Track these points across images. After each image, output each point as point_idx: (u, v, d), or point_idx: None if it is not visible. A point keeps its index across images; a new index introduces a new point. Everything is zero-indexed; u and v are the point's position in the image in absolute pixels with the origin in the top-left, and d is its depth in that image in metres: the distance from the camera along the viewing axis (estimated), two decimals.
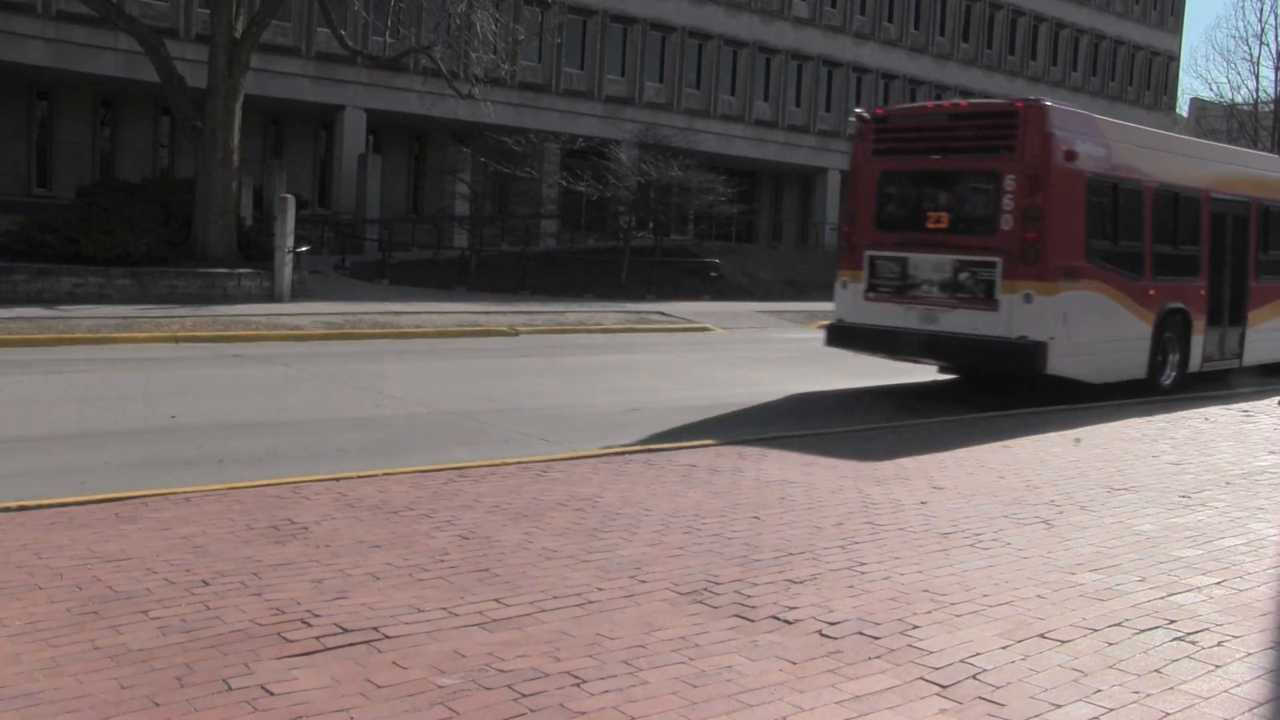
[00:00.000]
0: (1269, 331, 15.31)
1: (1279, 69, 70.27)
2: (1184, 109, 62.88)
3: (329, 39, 27.26)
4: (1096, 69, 53.09)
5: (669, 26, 37.86)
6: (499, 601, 4.64)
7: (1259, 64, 70.79)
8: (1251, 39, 65.87)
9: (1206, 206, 13.97)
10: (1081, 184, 11.92)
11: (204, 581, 4.76)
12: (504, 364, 14.76)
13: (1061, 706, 3.77)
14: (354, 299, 21.55)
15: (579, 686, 3.78)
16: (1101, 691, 3.92)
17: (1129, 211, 12.78)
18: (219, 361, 13.70)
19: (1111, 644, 4.41)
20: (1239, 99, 52.64)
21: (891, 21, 44.70)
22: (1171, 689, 3.97)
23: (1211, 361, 14.26)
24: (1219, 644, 4.46)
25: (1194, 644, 4.45)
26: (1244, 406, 12.43)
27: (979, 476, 7.80)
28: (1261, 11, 79.21)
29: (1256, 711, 3.81)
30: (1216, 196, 14.16)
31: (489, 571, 5.07)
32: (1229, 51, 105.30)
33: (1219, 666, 4.22)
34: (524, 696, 3.67)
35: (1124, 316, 12.55)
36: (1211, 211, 14.04)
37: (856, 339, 12.96)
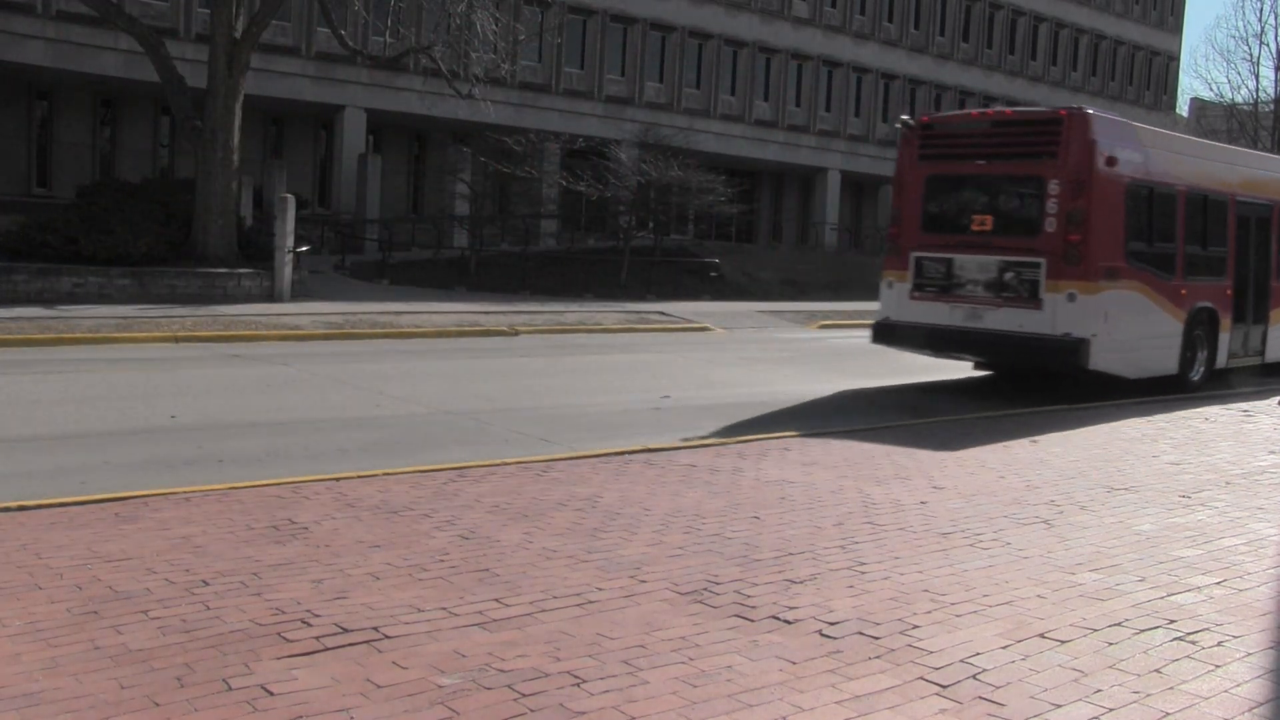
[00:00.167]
0: None
1: (1279, 69, 70.24)
2: (1184, 109, 62.88)
3: (329, 39, 27.26)
4: (1096, 69, 53.09)
5: (669, 26, 37.86)
6: (499, 601, 4.65)
7: (1259, 64, 70.79)
8: (1251, 39, 65.92)
9: (1233, 209, 14.48)
10: (1121, 188, 12.41)
11: (204, 581, 4.77)
12: (504, 364, 14.76)
13: (1061, 706, 3.77)
14: (354, 299, 21.55)
15: (579, 686, 3.78)
16: (1101, 691, 3.92)
17: (1163, 214, 13.29)
18: (219, 361, 13.69)
19: (1111, 644, 4.41)
20: (1239, 99, 52.66)
21: (891, 21, 44.71)
22: (1171, 689, 3.97)
23: (1236, 358, 14.78)
24: (1219, 644, 4.46)
25: (1194, 644, 4.45)
26: (1244, 406, 12.44)
27: (979, 476, 7.81)
28: (1261, 11, 79.29)
29: (1256, 711, 3.81)
30: (1242, 200, 14.68)
31: (489, 571, 5.07)
32: (1229, 51, 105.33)
33: (1219, 666, 4.22)
34: (524, 696, 3.67)
35: (1158, 315, 13.04)
36: (1237, 214, 14.56)
37: (902, 336, 13.37)
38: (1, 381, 11.21)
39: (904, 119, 13.63)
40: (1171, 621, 4.72)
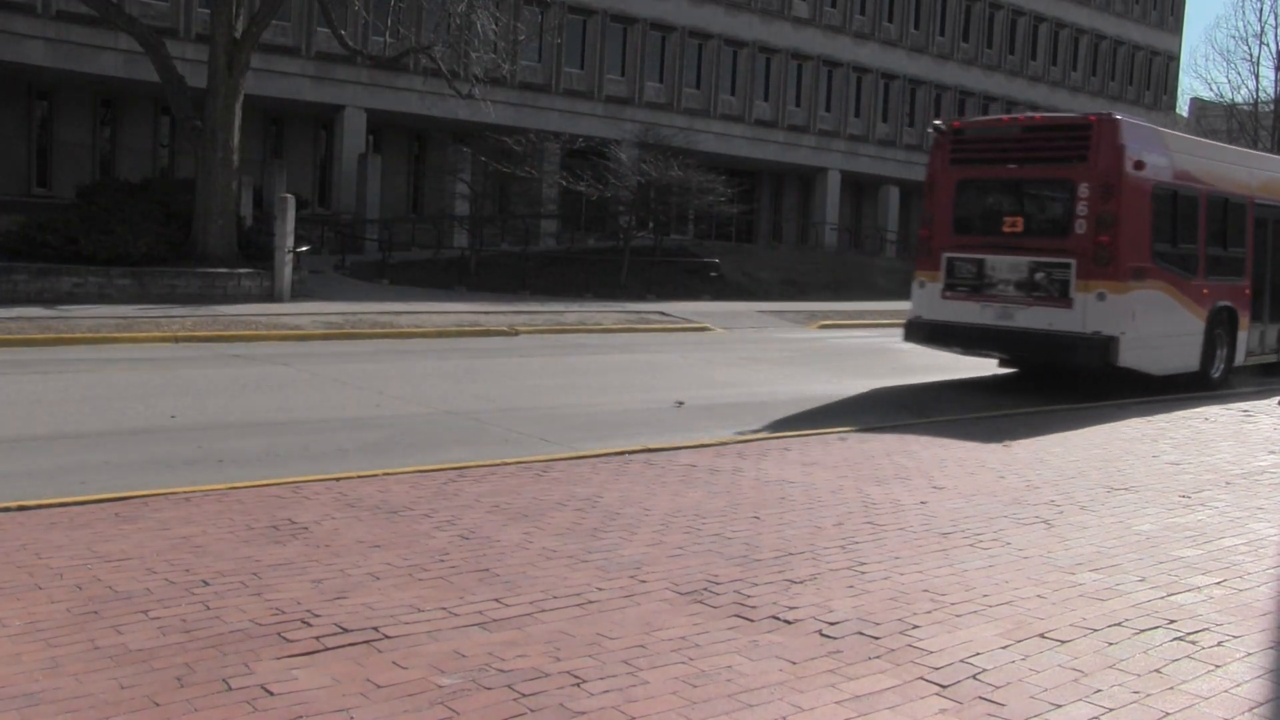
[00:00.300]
0: None
1: (1279, 69, 70.26)
2: (1184, 109, 62.89)
3: (329, 39, 27.27)
4: (1096, 69, 53.10)
5: (669, 26, 37.86)
6: (499, 601, 4.65)
7: (1259, 64, 70.79)
8: (1251, 39, 65.90)
9: (1251, 211, 14.93)
10: (1147, 191, 12.78)
11: (204, 581, 4.76)
12: (504, 364, 14.76)
13: (1061, 706, 3.77)
14: (354, 299, 21.55)
15: (579, 686, 3.78)
16: (1101, 691, 3.92)
17: (1186, 216, 13.68)
18: (219, 361, 13.69)
19: (1111, 644, 4.41)
20: (1239, 99, 52.66)
21: (891, 21, 44.71)
22: (1171, 689, 3.97)
23: (1254, 355, 15.28)
24: (1219, 644, 4.46)
25: (1194, 644, 4.45)
26: (1244, 406, 12.45)
27: (979, 476, 7.81)
28: (1261, 11, 79.28)
29: (1256, 711, 3.81)
30: (1260, 202, 15.16)
31: (489, 571, 5.07)
32: (1229, 51, 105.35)
33: (1219, 666, 4.22)
34: (524, 696, 3.67)
35: (1182, 313, 13.47)
36: (1255, 216, 15.02)
37: (934, 334, 13.74)
38: (1, 381, 11.21)
39: (936, 124, 14.04)
40: (1171, 621, 4.72)
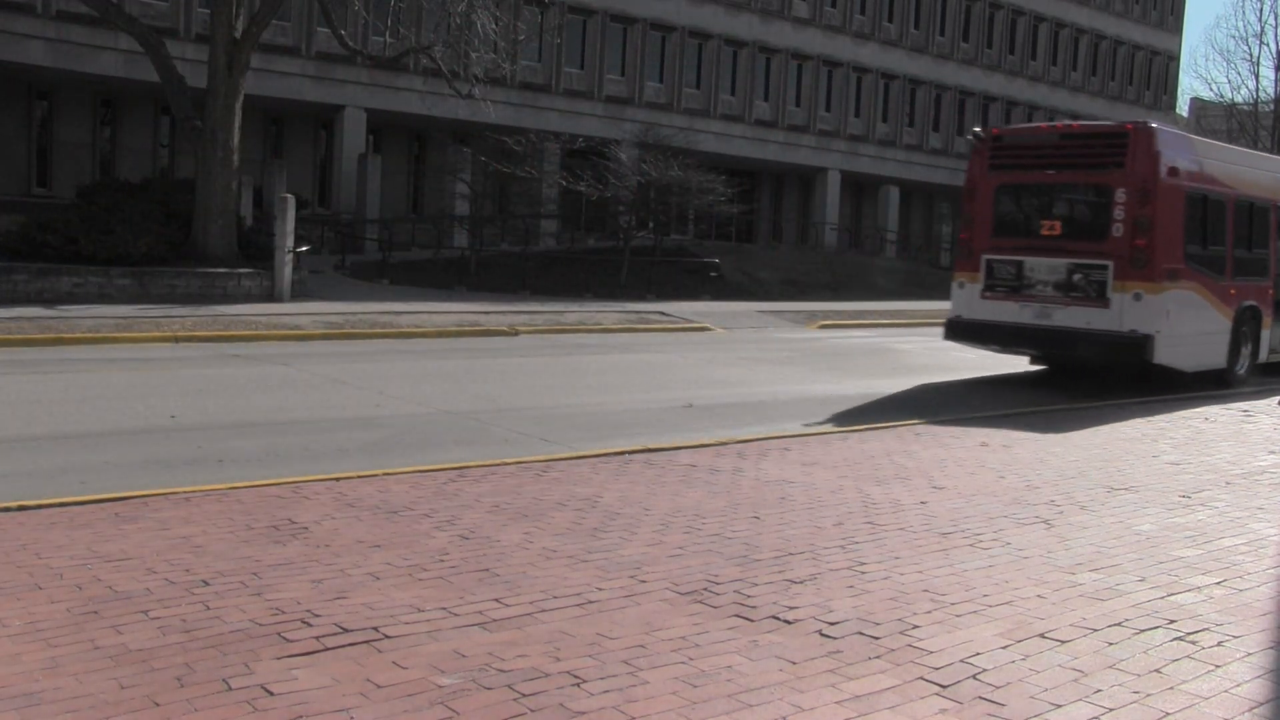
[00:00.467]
0: None
1: (1279, 69, 70.28)
2: (1184, 109, 62.91)
3: (329, 39, 27.26)
4: (1096, 69, 53.09)
5: (669, 26, 37.86)
6: (499, 601, 4.65)
7: (1259, 64, 70.90)
8: (1251, 39, 66.05)
9: (1275, 214, 15.45)
10: (1181, 196, 13.33)
11: (204, 581, 4.77)
12: (504, 364, 14.76)
13: (1061, 706, 3.77)
14: (354, 299, 21.55)
15: (579, 686, 3.78)
16: (1101, 691, 3.92)
17: (1215, 220, 14.25)
18: (219, 361, 13.69)
19: (1111, 644, 4.41)
20: (1239, 99, 52.76)
21: (891, 21, 44.71)
22: (1171, 689, 3.97)
23: (1276, 353, 15.78)
24: (1219, 644, 4.47)
25: (1194, 644, 4.45)
26: (1244, 406, 12.45)
27: (979, 476, 7.81)
28: (1261, 11, 79.39)
29: (1256, 711, 3.81)
30: None
31: (489, 571, 5.07)
32: (1229, 51, 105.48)
33: (1219, 666, 4.22)
34: (524, 696, 3.67)
35: (1211, 313, 14.03)
36: (1278, 220, 15.52)
37: (973, 333, 14.29)
38: (1, 381, 11.21)
39: (976, 131, 14.55)
40: (1171, 621, 4.72)
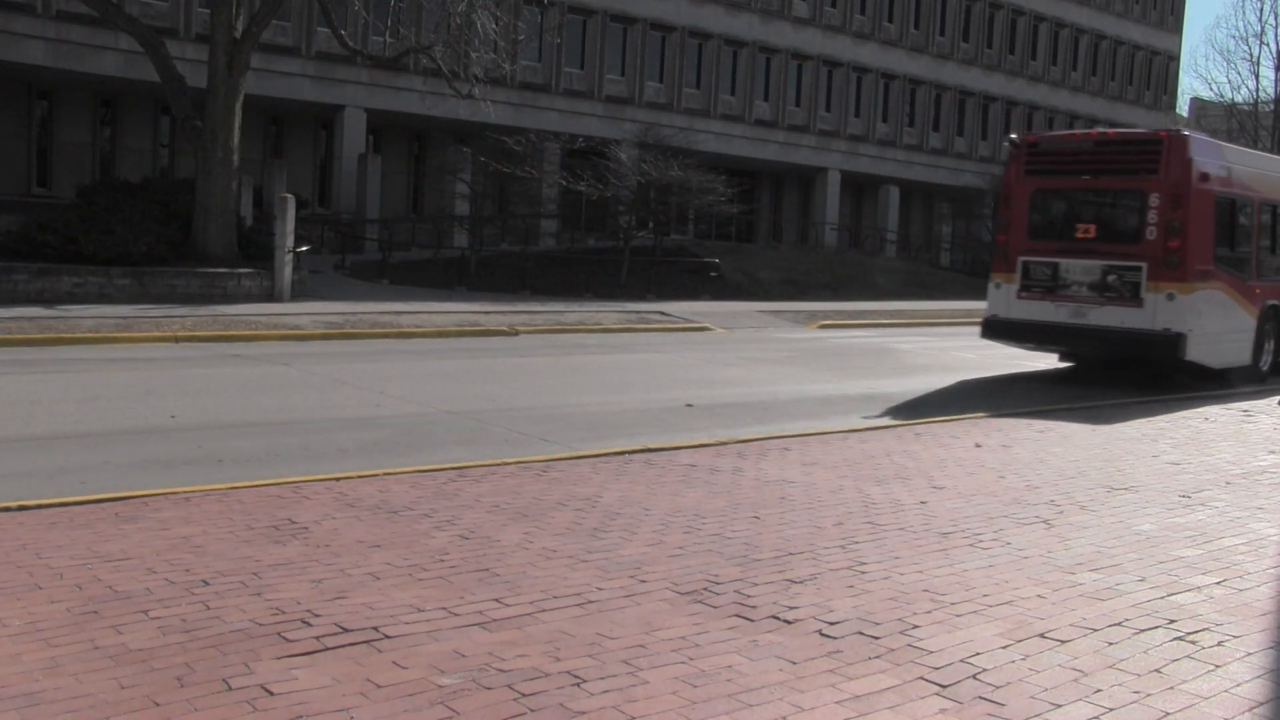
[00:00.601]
0: None
1: (1279, 69, 70.31)
2: (1184, 109, 62.92)
3: (329, 39, 27.27)
4: (1096, 69, 53.09)
5: (669, 26, 37.86)
6: (499, 601, 4.65)
7: (1259, 64, 70.93)
8: (1251, 39, 66.12)
9: None
10: (1211, 200, 13.90)
11: (204, 581, 4.77)
12: (504, 364, 14.76)
13: (1061, 706, 3.77)
14: (354, 299, 21.55)
15: (579, 686, 3.78)
16: (1101, 691, 3.92)
17: (1241, 222, 14.91)
18: (219, 361, 13.69)
19: (1111, 644, 4.41)
20: (1239, 99, 52.80)
21: (891, 21, 44.71)
22: (1171, 689, 3.97)
23: None
24: (1219, 644, 4.47)
25: (1194, 644, 4.45)
26: (1244, 406, 12.45)
27: (979, 476, 7.81)
28: (1261, 11, 79.44)
29: (1256, 711, 3.82)
30: None
31: (489, 571, 5.07)
32: (1229, 51, 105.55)
33: (1219, 666, 4.22)
34: (524, 696, 3.67)
35: (1238, 312, 14.59)
36: None
37: (1010, 332, 14.82)
38: (1, 381, 11.21)
39: (1012, 138, 15.15)
40: (1171, 621, 4.72)
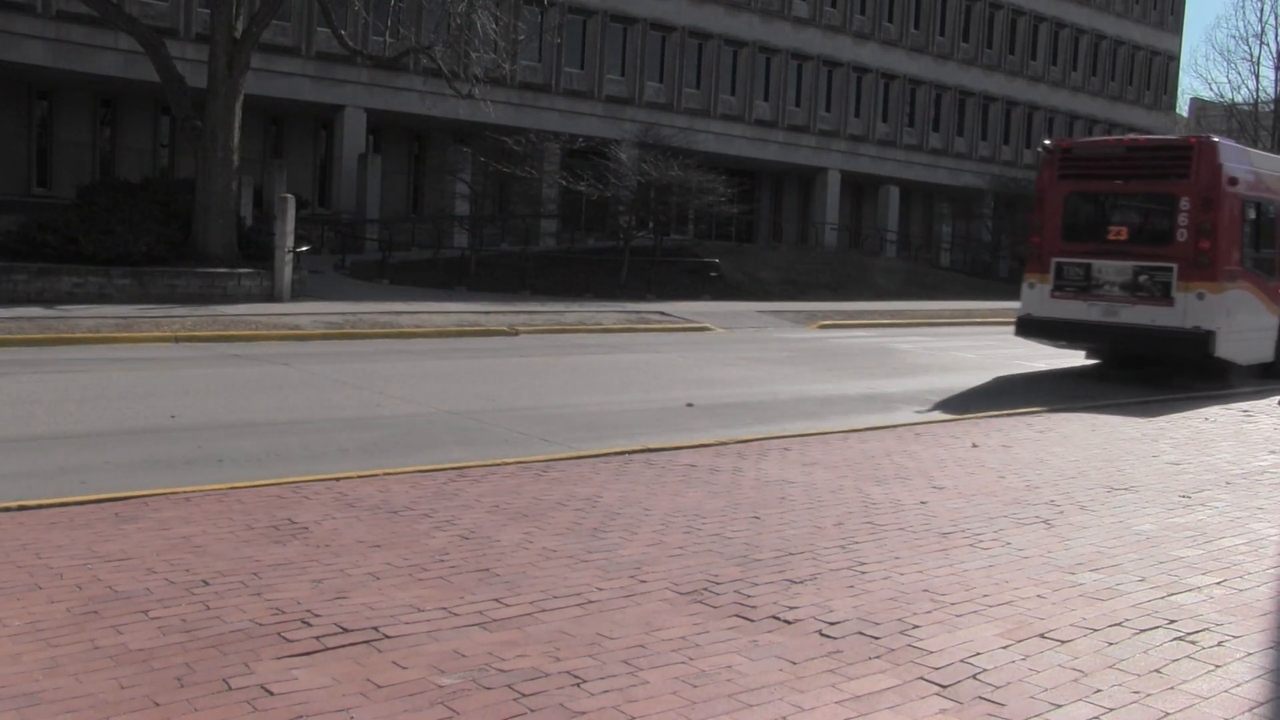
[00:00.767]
0: None
1: (1279, 69, 70.34)
2: (1184, 109, 62.94)
3: (329, 39, 27.27)
4: (1096, 69, 53.09)
5: (669, 26, 37.85)
6: (499, 601, 4.65)
7: (1259, 64, 70.98)
8: (1251, 39, 66.16)
9: None
10: (1238, 203, 14.38)
11: (204, 581, 4.77)
12: (504, 364, 14.76)
13: (1061, 706, 3.77)
14: (354, 299, 21.55)
15: (579, 686, 3.78)
16: (1101, 691, 3.92)
17: (1266, 225, 15.40)
18: (219, 361, 13.69)
19: (1111, 644, 4.41)
20: (1239, 99, 52.83)
21: (891, 21, 44.70)
22: (1171, 689, 3.97)
23: None
24: (1219, 644, 4.47)
25: (1194, 644, 4.45)
26: (1244, 406, 12.45)
27: (979, 476, 7.81)
28: (1261, 11, 79.49)
29: (1256, 711, 3.82)
30: None
31: (489, 571, 5.07)
32: (1229, 51, 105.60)
33: (1219, 666, 4.22)
34: (524, 696, 3.67)
35: (1262, 311, 15.12)
36: None
37: (1043, 329, 15.35)
38: (1, 381, 11.21)
39: (1045, 143, 15.71)
40: (1171, 621, 4.72)
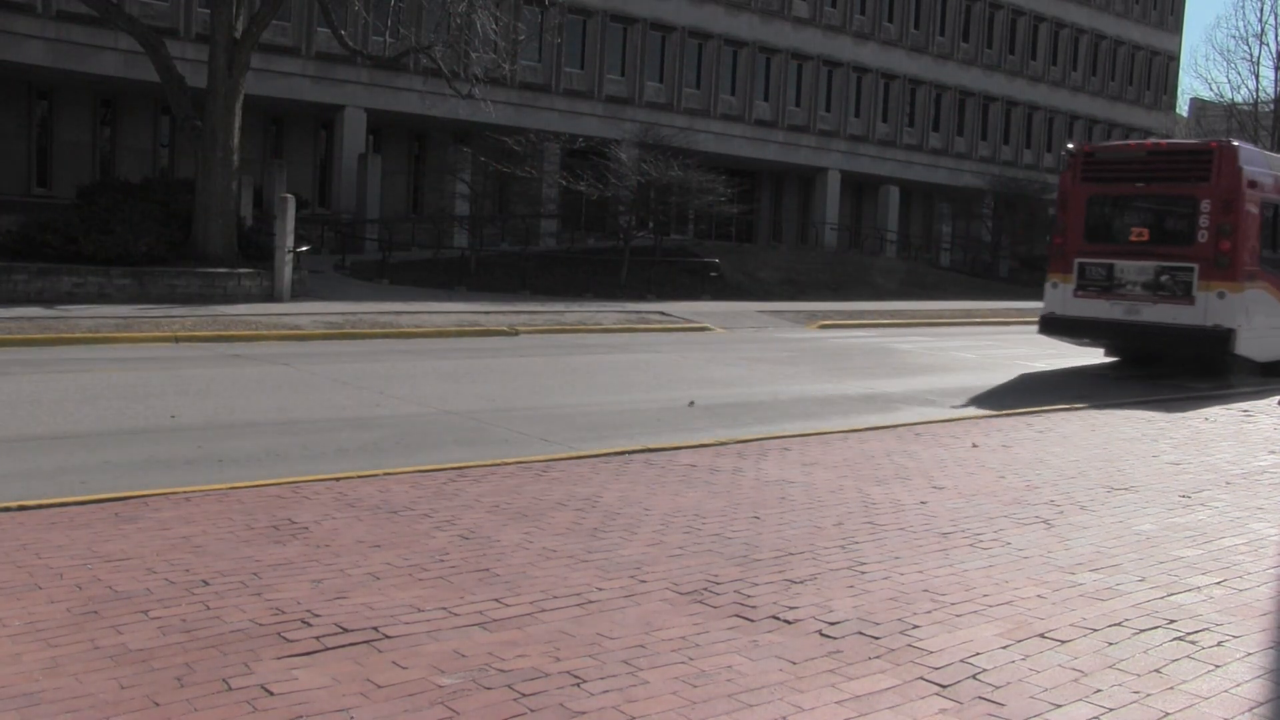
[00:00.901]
0: None
1: (1279, 69, 70.36)
2: (1184, 109, 62.94)
3: (329, 39, 27.27)
4: (1096, 69, 53.09)
5: (669, 26, 37.86)
6: (499, 601, 4.65)
7: (1259, 64, 70.95)
8: (1251, 39, 66.11)
9: None
10: (1257, 205, 14.77)
11: (204, 581, 4.77)
12: (504, 364, 14.76)
13: (1061, 706, 3.77)
14: (354, 299, 21.55)
15: (579, 686, 3.78)
16: (1101, 691, 3.92)
17: None
18: (219, 361, 13.69)
19: (1111, 644, 4.41)
20: (1239, 99, 52.80)
21: (891, 21, 44.71)
22: (1171, 689, 3.97)
23: None
24: (1219, 644, 4.47)
25: (1194, 644, 4.45)
26: (1244, 406, 12.45)
27: (979, 476, 7.81)
28: (1261, 11, 79.47)
29: (1256, 711, 3.82)
30: None
31: (489, 571, 5.07)
32: (1229, 51, 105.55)
33: (1219, 666, 4.22)
34: (524, 696, 3.67)
35: (1279, 309, 15.39)
36: None
37: (1066, 327, 15.88)
38: (1, 381, 11.21)
39: (1069, 147, 16.16)
40: (1171, 621, 4.72)
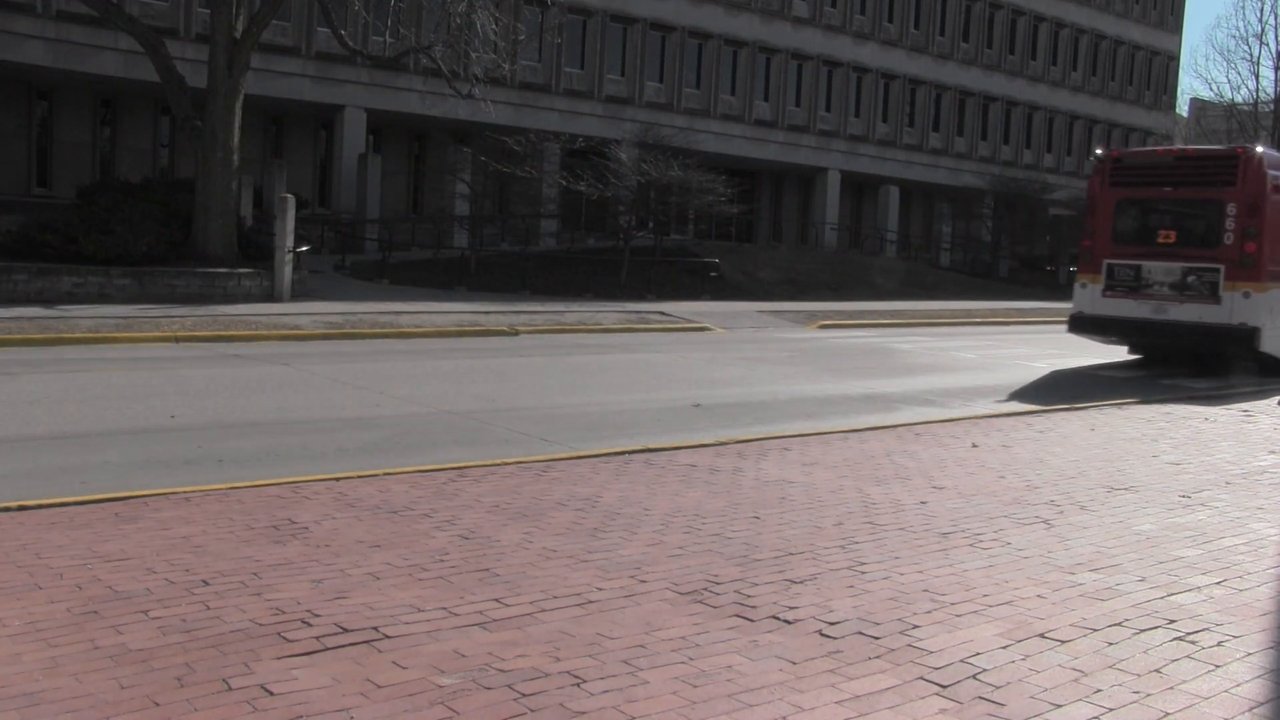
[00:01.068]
0: None
1: (1279, 69, 70.36)
2: (1184, 109, 62.95)
3: (329, 39, 27.28)
4: (1096, 69, 53.10)
5: (669, 26, 37.86)
6: (499, 601, 4.65)
7: (1259, 64, 70.96)
8: (1251, 39, 66.16)
9: None
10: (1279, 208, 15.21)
11: (204, 581, 4.77)
12: (504, 364, 14.76)
13: (1061, 706, 3.77)
14: (354, 299, 21.55)
15: (579, 686, 3.78)
16: (1101, 691, 3.92)
17: None
18: (219, 361, 13.69)
19: (1111, 644, 4.41)
20: (1239, 99, 52.83)
21: (891, 21, 44.71)
22: (1171, 689, 3.97)
23: None
24: (1219, 644, 4.47)
25: (1194, 644, 4.45)
26: (1244, 406, 12.46)
27: (979, 476, 7.81)
28: (1261, 11, 79.50)
29: (1256, 711, 3.82)
30: None
31: (489, 571, 5.07)
32: (1229, 51, 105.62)
33: (1219, 666, 4.22)
34: (524, 696, 3.67)
35: None
36: None
37: (1095, 326, 16.46)
38: (1, 381, 11.21)
39: (1097, 152, 16.69)
40: (1171, 621, 4.72)
